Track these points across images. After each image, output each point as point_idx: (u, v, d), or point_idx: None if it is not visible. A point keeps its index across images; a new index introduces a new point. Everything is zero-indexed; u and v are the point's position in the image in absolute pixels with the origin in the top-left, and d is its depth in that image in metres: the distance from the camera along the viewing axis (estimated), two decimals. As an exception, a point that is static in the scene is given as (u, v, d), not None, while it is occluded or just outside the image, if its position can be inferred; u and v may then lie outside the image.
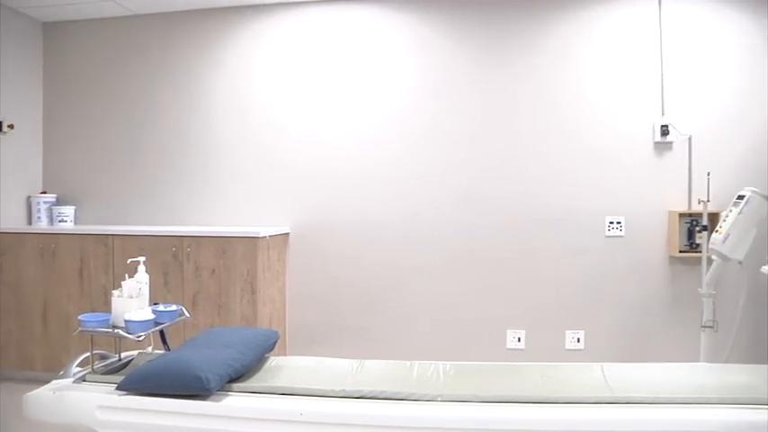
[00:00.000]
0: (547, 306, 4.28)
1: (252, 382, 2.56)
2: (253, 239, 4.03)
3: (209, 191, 4.62)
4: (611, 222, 4.23)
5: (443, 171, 4.35)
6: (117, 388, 2.44)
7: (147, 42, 4.71)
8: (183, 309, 2.97)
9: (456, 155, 4.33)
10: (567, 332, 4.28)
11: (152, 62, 4.70)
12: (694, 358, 3.88)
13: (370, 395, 2.42)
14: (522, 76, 4.29)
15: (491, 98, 4.31)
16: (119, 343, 2.78)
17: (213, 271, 4.09)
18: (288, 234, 4.49)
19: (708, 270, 3.76)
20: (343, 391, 2.45)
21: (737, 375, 2.62)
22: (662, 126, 4.18)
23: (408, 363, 2.76)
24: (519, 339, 4.30)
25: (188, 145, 4.64)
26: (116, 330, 2.63)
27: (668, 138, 4.18)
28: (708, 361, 3.73)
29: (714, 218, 3.92)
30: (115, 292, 2.71)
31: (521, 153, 4.29)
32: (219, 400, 2.38)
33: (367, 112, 4.42)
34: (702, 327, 3.76)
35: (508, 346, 4.31)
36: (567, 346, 4.27)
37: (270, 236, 4.19)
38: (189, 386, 2.35)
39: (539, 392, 2.40)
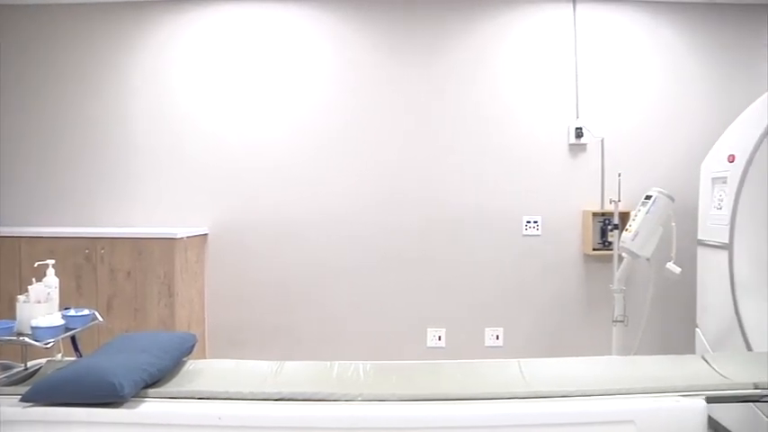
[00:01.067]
0: (467, 304, 4.35)
1: (168, 387, 2.49)
2: (170, 240, 3.93)
3: (125, 191, 4.45)
4: (528, 222, 4.34)
5: (363, 171, 4.35)
6: (21, 399, 2.31)
7: (58, 34, 4.48)
8: (96, 313, 2.86)
9: (375, 155, 4.35)
10: (487, 329, 4.36)
11: (64, 55, 4.48)
12: (607, 351, 4.03)
13: (289, 397, 2.40)
14: (442, 76, 4.35)
15: (411, 98, 4.35)
16: (25, 351, 2.65)
17: (129, 273, 3.96)
18: (206, 235, 4.39)
19: (619, 267, 3.91)
20: (263, 393, 2.42)
21: (646, 366, 2.75)
22: (576, 128, 4.32)
23: (328, 363, 2.75)
24: (439, 338, 4.35)
25: (103, 143, 4.46)
26: (21, 338, 2.51)
27: (582, 140, 4.33)
28: (619, 353, 3.89)
29: (625, 217, 4.08)
30: (21, 297, 2.59)
31: (440, 153, 4.35)
32: (134, 407, 2.31)
33: (286, 111, 4.37)
34: (614, 321, 3.91)
35: (429, 345, 4.36)
36: (486, 344, 4.36)
37: (188, 236, 4.09)
38: (101, 393, 2.26)
39: (457, 389, 2.44)
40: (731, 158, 3.49)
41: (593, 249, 4.29)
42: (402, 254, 4.35)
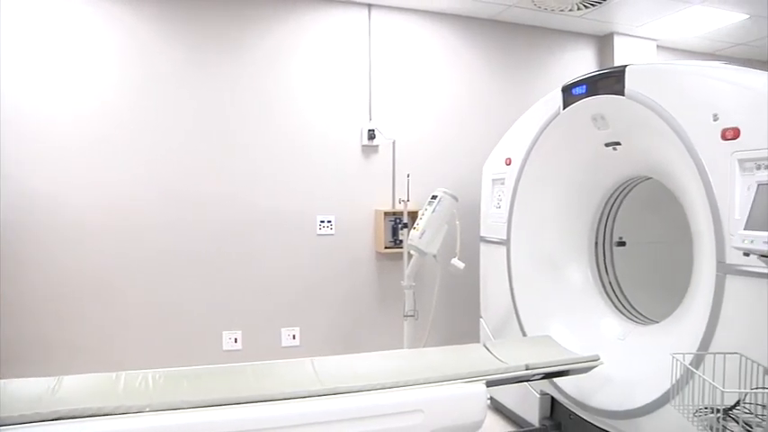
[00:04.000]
0: (262, 305, 4.31)
1: None
2: None
3: None
4: (323, 221, 4.40)
5: (152, 168, 4.08)
6: None
7: None
8: None
9: (165, 152, 4.10)
10: (283, 330, 4.35)
11: None
12: (399, 345, 4.21)
13: (68, 415, 2.18)
14: (237, 75, 4.24)
15: (205, 97, 4.18)
16: None
17: None
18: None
19: (408, 264, 4.09)
20: (36, 414, 2.17)
21: (434, 357, 2.90)
22: (369, 130, 4.45)
23: (114, 374, 2.55)
24: (236, 340, 4.26)
25: None
26: None
27: (375, 141, 4.47)
28: (410, 346, 4.07)
29: (414, 216, 4.27)
30: None
31: (234, 153, 4.24)
32: None
33: (69, 99, 3.91)
34: (405, 316, 4.09)
35: (225, 348, 4.24)
36: (283, 344, 4.35)
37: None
38: None
39: (251, 392, 2.39)
40: (508, 161, 3.79)
41: (385, 247, 4.45)
42: (195, 254, 4.18)
